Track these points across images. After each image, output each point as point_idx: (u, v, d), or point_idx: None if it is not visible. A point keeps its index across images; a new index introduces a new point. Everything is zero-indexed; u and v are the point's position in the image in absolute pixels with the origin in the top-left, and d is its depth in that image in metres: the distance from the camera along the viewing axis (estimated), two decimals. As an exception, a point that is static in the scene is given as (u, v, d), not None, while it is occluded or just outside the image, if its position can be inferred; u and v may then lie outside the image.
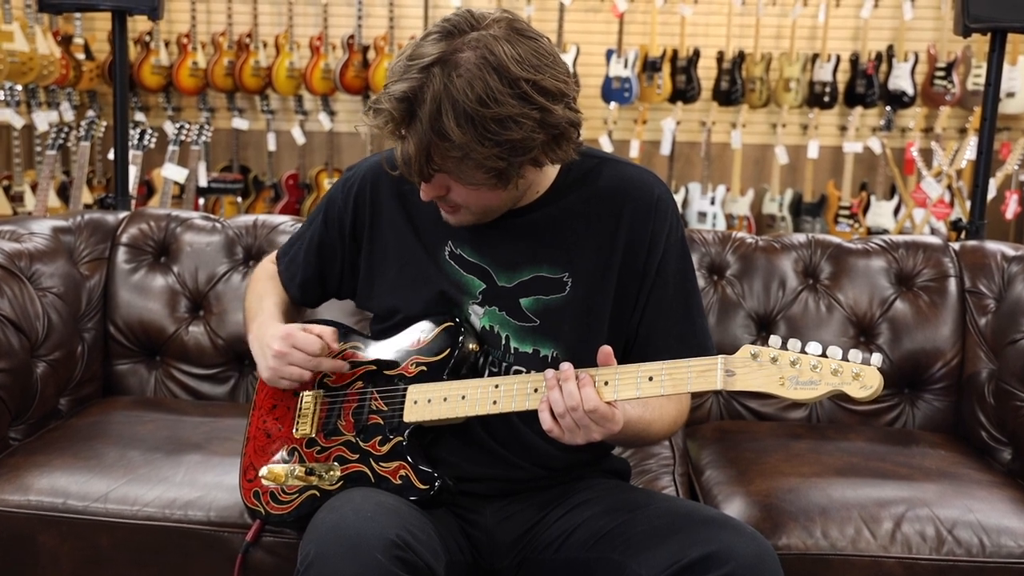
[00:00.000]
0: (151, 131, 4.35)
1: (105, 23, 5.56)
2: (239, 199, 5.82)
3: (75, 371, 2.24)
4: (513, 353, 1.60)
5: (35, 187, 5.07)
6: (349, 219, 1.72)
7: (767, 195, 5.81)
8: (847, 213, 5.67)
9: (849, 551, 1.75)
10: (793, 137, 5.82)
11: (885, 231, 5.48)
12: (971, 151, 4.41)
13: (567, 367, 1.42)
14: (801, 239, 2.40)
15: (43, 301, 2.18)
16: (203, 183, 5.12)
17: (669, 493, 1.94)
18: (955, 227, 2.93)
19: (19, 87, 5.24)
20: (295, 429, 1.68)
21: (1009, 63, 5.36)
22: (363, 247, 1.72)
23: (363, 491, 1.52)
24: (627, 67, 5.64)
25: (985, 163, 2.77)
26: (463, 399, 1.52)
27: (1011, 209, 4.87)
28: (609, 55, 5.68)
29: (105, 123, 5.17)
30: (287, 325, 1.65)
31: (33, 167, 5.66)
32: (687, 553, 1.40)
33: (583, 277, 1.59)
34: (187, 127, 4.68)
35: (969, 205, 2.84)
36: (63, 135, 4.43)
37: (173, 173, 4.29)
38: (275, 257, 1.87)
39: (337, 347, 1.64)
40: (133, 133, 4.17)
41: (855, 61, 5.62)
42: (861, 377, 1.29)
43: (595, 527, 1.54)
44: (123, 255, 2.39)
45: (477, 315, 1.62)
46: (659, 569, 1.41)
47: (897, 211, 5.61)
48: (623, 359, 1.51)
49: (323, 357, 1.61)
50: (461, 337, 1.59)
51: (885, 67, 5.63)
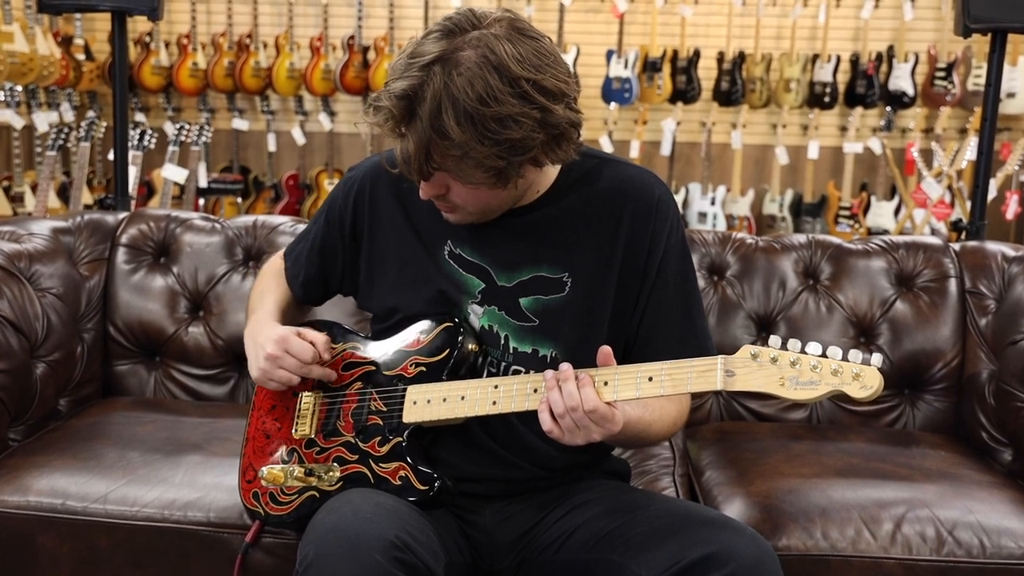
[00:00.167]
0: (151, 132, 4.35)
1: (105, 24, 5.56)
2: (239, 200, 5.82)
3: (75, 372, 2.24)
4: (512, 353, 1.59)
5: (35, 188, 5.07)
6: (349, 219, 1.72)
7: (767, 195, 5.80)
8: (847, 213, 5.66)
9: (849, 552, 1.74)
10: (793, 137, 5.81)
11: (885, 231, 5.48)
12: (971, 151, 4.40)
13: (566, 367, 1.42)
14: (801, 239, 2.40)
15: (43, 302, 2.18)
16: (203, 184, 5.12)
17: (669, 494, 1.94)
18: (955, 228, 2.93)
19: (19, 88, 5.24)
20: (294, 430, 1.68)
21: (1009, 63, 5.36)
22: (363, 247, 1.72)
23: (362, 492, 1.52)
24: (627, 67, 5.64)
25: (985, 163, 2.76)
26: (462, 399, 1.52)
27: (1011, 210, 4.87)
28: (609, 55, 5.67)
29: (105, 124, 5.17)
30: (283, 328, 1.65)
31: (33, 168, 5.66)
32: (687, 554, 1.40)
33: (583, 277, 1.59)
34: (187, 128, 4.68)
35: (969, 205, 2.84)
36: (63, 136, 4.43)
37: (173, 174, 4.29)
38: (283, 253, 1.88)
39: (328, 356, 1.65)
40: (133, 134, 4.17)
41: (855, 61, 5.62)
42: (861, 377, 1.29)
43: (595, 528, 1.53)
44: (123, 256, 2.38)
45: (476, 315, 1.61)
46: (659, 570, 1.41)
47: (897, 211, 5.60)
48: (623, 360, 1.51)
49: (314, 364, 1.62)
50: (460, 337, 1.58)
51: (885, 67, 5.63)
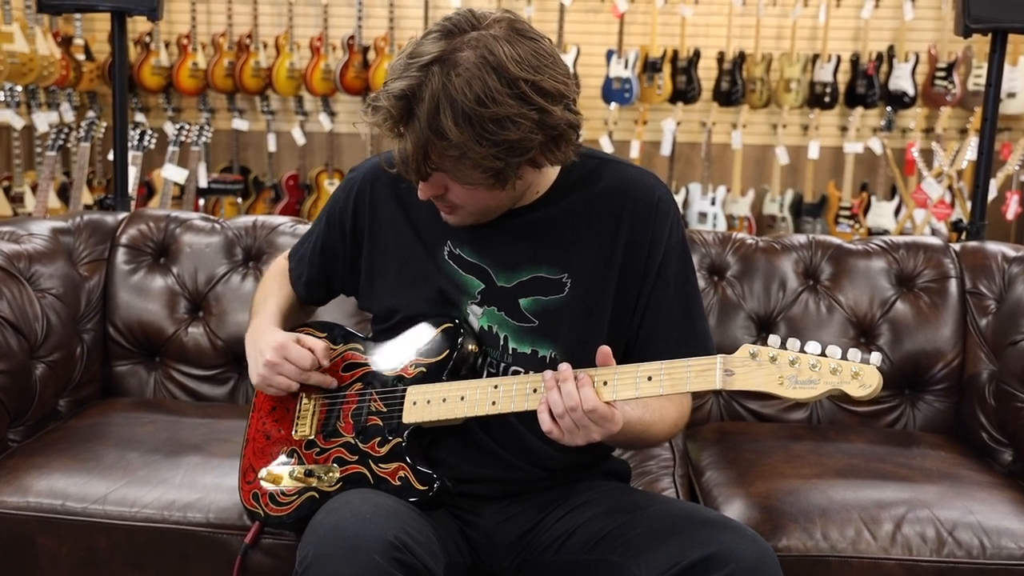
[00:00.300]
0: (151, 132, 4.35)
1: (105, 24, 5.56)
2: (239, 200, 5.82)
3: (74, 372, 2.24)
4: (511, 353, 1.59)
5: (35, 188, 5.07)
6: (350, 220, 1.72)
7: (768, 196, 5.80)
8: (848, 214, 5.66)
9: (849, 553, 1.74)
10: (794, 138, 5.81)
11: (886, 231, 5.48)
12: (972, 152, 4.40)
13: (565, 368, 1.42)
14: (801, 240, 2.40)
15: (42, 302, 2.18)
16: (203, 184, 5.12)
17: (669, 495, 1.93)
18: (956, 228, 2.93)
19: (19, 88, 5.24)
20: (294, 431, 1.68)
21: (1010, 63, 5.35)
22: (363, 247, 1.72)
23: (362, 493, 1.52)
24: (627, 68, 5.64)
25: (986, 164, 2.76)
26: (462, 400, 1.52)
27: (1012, 210, 4.86)
28: (609, 56, 5.67)
29: (105, 124, 5.16)
30: (283, 334, 1.66)
31: (33, 168, 5.66)
32: (687, 555, 1.40)
33: (582, 278, 1.59)
34: (187, 128, 4.68)
35: (970, 206, 2.83)
36: (63, 136, 4.42)
37: (173, 174, 4.29)
38: (288, 255, 1.89)
39: (327, 363, 1.66)
40: (133, 134, 4.16)
41: (856, 61, 5.61)
42: (860, 376, 1.28)
43: (595, 529, 1.53)
44: (122, 256, 2.38)
45: (476, 315, 1.61)
46: (659, 571, 1.41)
47: (898, 212, 5.60)
48: (623, 360, 1.51)
49: (313, 371, 1.63)
50: (460, 338, 1.58)
51: (886, 67, 5.63)
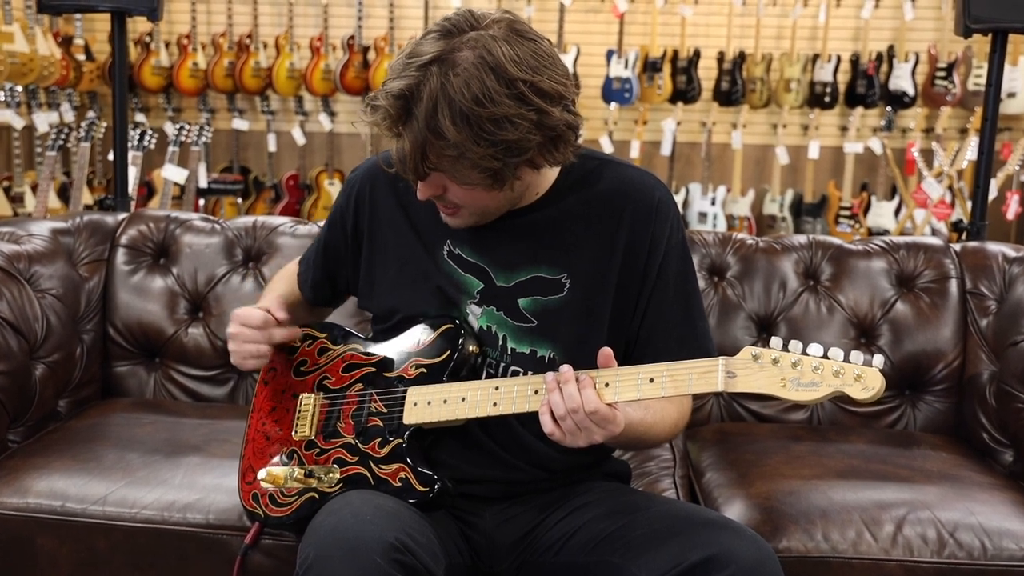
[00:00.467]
0: (151, 132, 4.35)
1: (105, 24, 5.55)
2: (239, 200, 5.82)
3: (74, 373, 2.24)
4: (510, 353, 1.59)
5: (35, 188, 5.07)
6: (351, 220, 1.73)
7: (768, 196, 5.80)
8: (848, 214, 5.66)
9: (850, 554, 1.74)
10: (794, 137, 5.81)
11: (886, 231, 5.48)
12: (972, 151, 4.40)
13: (567, 369, 1.42)
14: (802, 240, 2.40)
15: (42, 303, 2.18)
16: (203, 184, 5.12)
17: (669, 495, 1.93)
18: (956, 228, 2.92)
19: (19, 88, 5.24)
20: (294, 431, 1.68)
21: (1010, 63, 5.35)
22: (363, 247, 1.72)
23: (362, 494, 1.52)
24: (627, 67, 5.64)
25: (986, 164, 2.76)
26: (463, 401, 1.52)
27: (1012, 210, 4.86)
28: (609, 56, 5.67)
29: (105, 124, 5.16)
30: (242, 308, 1.68)
31: (33, 168, 5.66)
32: (687, 556, 1.40)
33: (582, 278, 1.58)
34: (187, 128, 4.68)
35: (970, 206, 2.83)
36: (63, 136, 4.42)
37: (173, 174, 4.28)
38: (299, 259, 1.90)
39: (283, 315, 1.67)
40: (133, 134, 4.16)
41: (856, 61, 5.61)
42: (863, 379, 1.28)
43: (595, 530, 1.53)
44: (122, 257, 2.38)
45: (475, 315, 1.61)
46: (659, 572, 1.41)
47: (898, 212, 5.60)
48: (623, 361, 1.51)
49: (273, 328, 1.65)
50: (461, 339, 1.58)
51: (886, 67, 5.62)
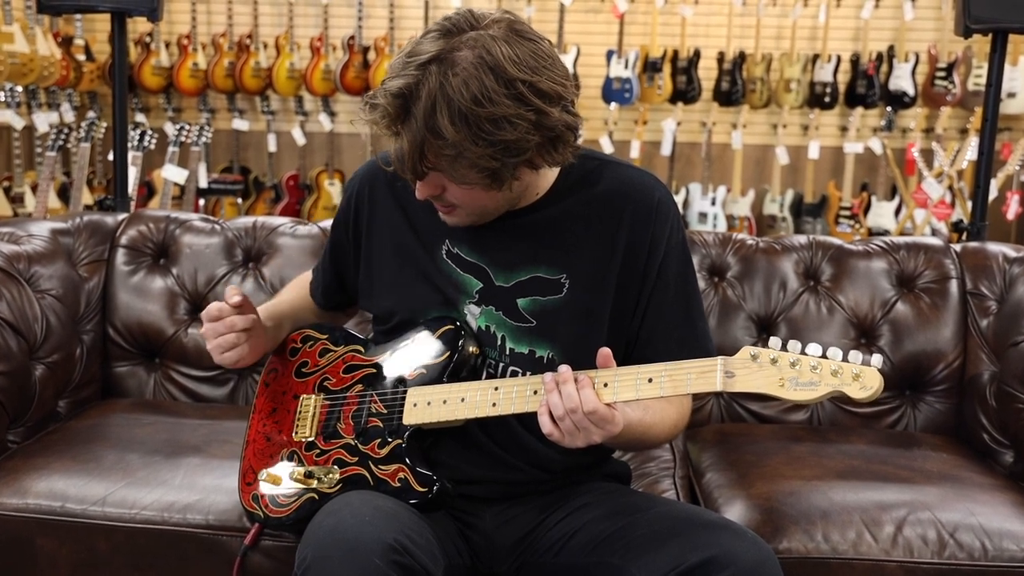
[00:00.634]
0: (151, 132, 4.35)
1: (105, 24, 5.55)
2: (239, 200, 5.82)
3: (74, 373, 2.24)
4: (509, 354, 1.59)
5: (35, 188, 5.06)
6: (352, 221, 1.73)
7: (768, 196, 5.80)
8: (848, 214, 5.66)
9: (850, 555, 1.74)
10: (794, 138, 5.81)
11: (886, 232, 5.48)
12: (972, 152, 4.40)
13: (565, 369, 1.41)
14: (802, 240, 2.40)
15: (42, 303, 2.17)
16: (203, 184, 5.12)
17: (669, 496, 1.93)
18: (956, 228, 2.92)
19: (19, 88, 5.24)
20: (294, 432, 1.68)
21: (1010, 63, 5.35)
22: (363, 247, 1.73)
23: (361, 495, 1.51)
24: (628, 68, 5.64)
25: (986, 164, 2.76)
26: (462, 402, 1.52)
27: (1012, 210, 4.86)
28: (609, 56, 5.67)
29: (105, 124, 5.16)
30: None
31: (33, 168, 5.65)
32: (687, 557, 1.40)
33: (581, 279, 1.58)
34: (187, 128, 4.68)
35: (970, 206, 2.83)
36: (63, 136, 4.42)
37: (173, 174, 4.28)
38: (313, 268, 1.91)
39: (237, 299, 1.63)
40: (133, 134, 4.16)
41: (856, 61, 5.61)
42: (861, 378, 1.28)
43: (595, 531, 1.53)
44: (122, 257, 2.38)
45: (473, 315, 1.61)
46: (659, 573, 1.41)
47: (898, 212, 5.60)
48: (624, 362, 1.51)
49: (233, 317, 1.62)
50: (461, 340, 1.58)
51: (886, 67, 5.62)
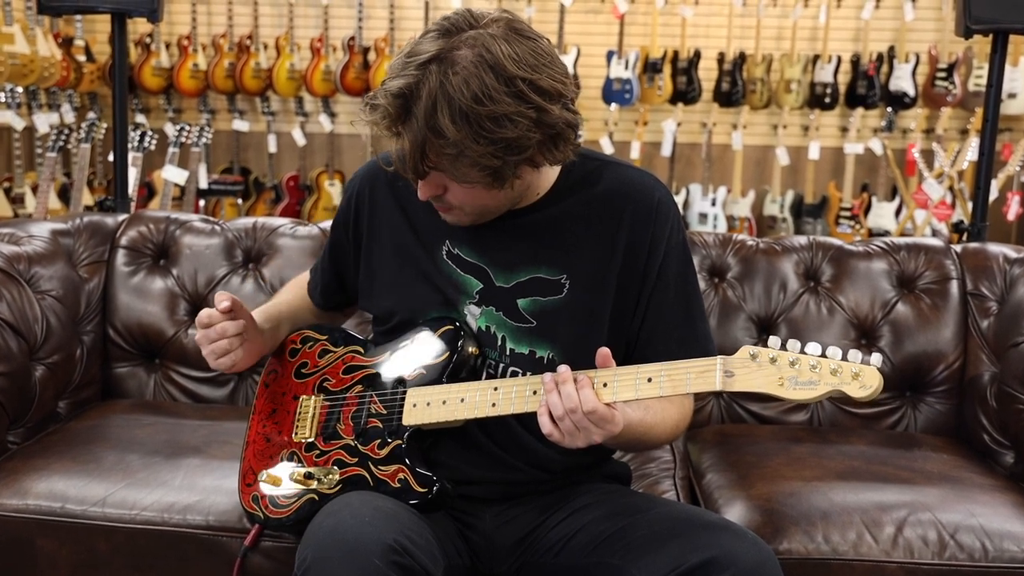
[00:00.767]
0: (151, 133, 4.35)
1: (106, 25, 5.53)
2: (240, 201, 5.82)
3: (74, 374, 2.24)
4: (509, 354, 1.59)
5: (36, 189, 5.06)
6: (352, 221, 1.73)
7: (768, 196, 5.80)
8: (848, 214, 5.66)
9: (851, 556, 1.74)
10: (794, 138, 5.81)
11: (886, 232, 5.48)
12: (972, 152, 4.40)
13: (564, 369, 1.41)
14: (802, 241, 2.40)
15: (42, 304, 2.17)
16: (203, 185, 5.12)
17: (670, 497, 1.93)
18: (957, 229, 2.92)
19: (20, 89, 5.23)
20: (294, 433, 1.68)
21: (1011, 64, 5.35)
22: (363, 247, 1.73)
23: (361, 495, 1.51)
24: (628, 68, 5.64)
25: (987, 164, 2.76)
26: (462, 402, 1.52)
27: (1013, 211, 4.86)
28: (610, 56, 5.67)
29: (106, 125, 5.16)
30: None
31: (34, 169, 5.66)
32: (688, 558, 1.40)
33: (581, 279, 1.58)
34: (187, 129, 4.68)
35: (971, 206, 2.83)
36: (64, 137, 4.42)
37: (173, 175, 4.28)
38: (311, 268, 1.90)
39: (227, 304, 1.61)
40: (133, 135, 4.16)
41: (856, 62, 5.61)
42: (860, 377, 1.28)
43: (595, 531, 1.53)
44: (122, 258, 2.38)
45: (474, 315, 1.61)
46: (660, 574, 1.41)
47: (898, 212, 5.60)
48: (624, 362, 1.50)
49: (225, 322, 1.61)
50: (461, 340, 1.58)
51: (886, 68, 5.62)
